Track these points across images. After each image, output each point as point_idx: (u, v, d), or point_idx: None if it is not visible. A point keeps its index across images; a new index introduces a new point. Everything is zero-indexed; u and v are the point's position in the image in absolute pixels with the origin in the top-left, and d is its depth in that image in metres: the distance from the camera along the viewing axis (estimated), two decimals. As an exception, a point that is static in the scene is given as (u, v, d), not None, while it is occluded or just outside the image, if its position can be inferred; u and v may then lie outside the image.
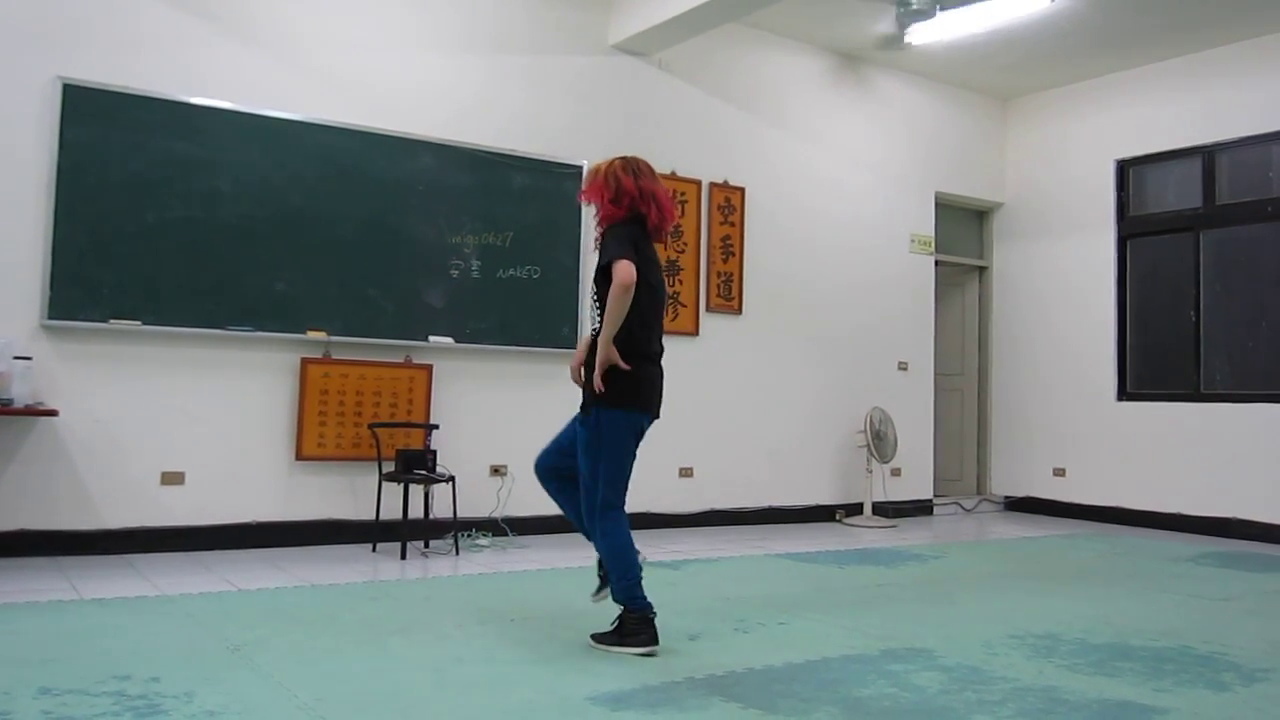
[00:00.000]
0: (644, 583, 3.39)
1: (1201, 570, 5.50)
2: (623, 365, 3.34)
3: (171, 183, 5.07)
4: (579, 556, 5.30)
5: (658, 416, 3.52)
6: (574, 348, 6.23)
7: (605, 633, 3.40)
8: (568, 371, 6.21)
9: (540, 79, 6.30)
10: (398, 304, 5.66)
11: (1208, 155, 7.43)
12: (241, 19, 5.34)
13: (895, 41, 7.31)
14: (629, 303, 3.28)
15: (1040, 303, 8.38)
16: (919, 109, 8.21)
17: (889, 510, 7.62)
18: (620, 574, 3.35)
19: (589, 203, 3.61)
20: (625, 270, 3.25)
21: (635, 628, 3.32)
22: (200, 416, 5.17)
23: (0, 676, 2.80)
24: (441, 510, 5.54)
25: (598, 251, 3.49)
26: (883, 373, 7.88)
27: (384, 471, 5.37)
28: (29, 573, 4.38)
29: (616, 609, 3.41)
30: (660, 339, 3.53)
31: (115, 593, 4.03)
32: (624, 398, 3.37)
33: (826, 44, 7.57)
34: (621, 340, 3.34)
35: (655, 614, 3.35)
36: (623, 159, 3.55)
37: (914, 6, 6.64)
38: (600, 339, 3.33)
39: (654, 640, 3.31)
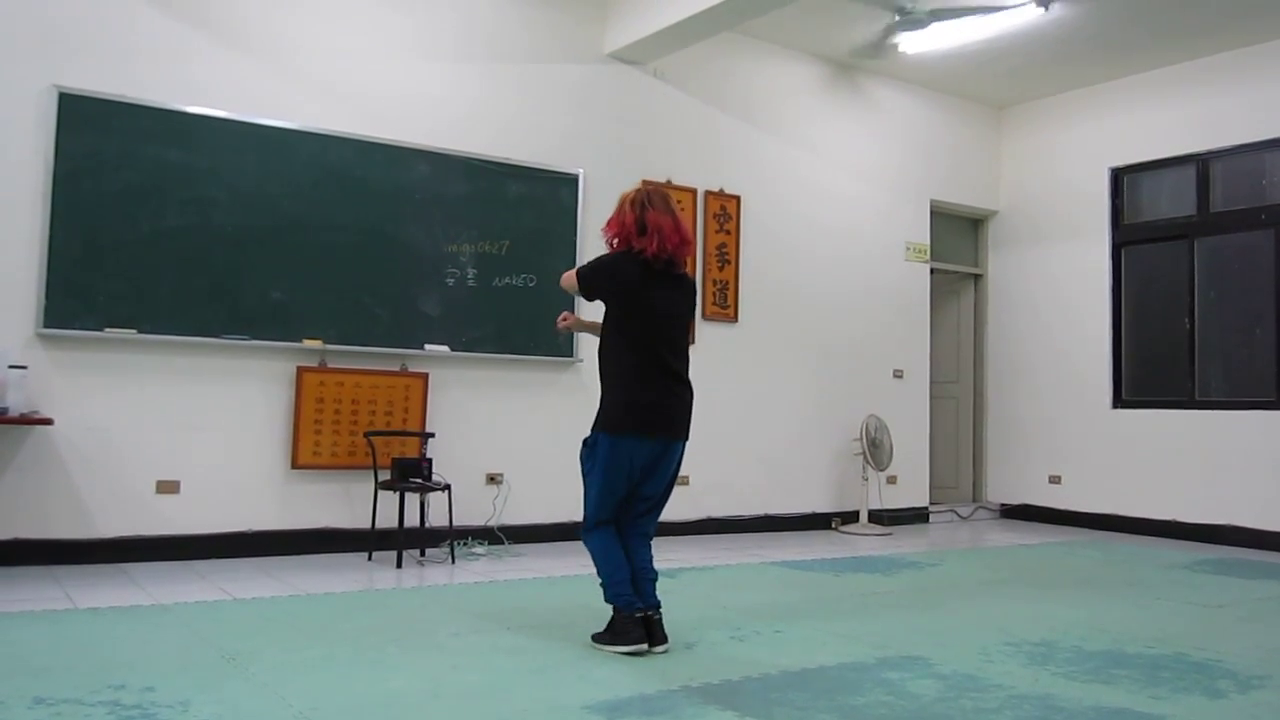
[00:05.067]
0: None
1: (1196, 577, 5.50)
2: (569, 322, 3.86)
3: (167, 191, 5.07)
4: (575, 565, 5.30)
5: (675, 437, 3.57)
6: (570, 356, 6.24)
7: (601, 632, 3.49)
8: (564, 380, 6.30)
9: (536, 88, 6.31)
10: (393, 312, 5.66)
11: (1202, 163, 7.45)
12: (237, 28, 5.35)
13: (890, 50, 7.34)
14: (567, 285, 3.72)
15: (1035, 310, 8.40)
16: (914, 117, 8.23)
17: (885, 518, 7.62)
18: (606, 579, 3.48)
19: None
20: (564, 277, 3.76)
21: (625, 627, 3.42)
22: (196, 425, 5.17)
23: (-5, 686, 2.80)
24: (437, 519, 5.53)
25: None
26: (879, 381, 7.88)
27: (380, 480, 5.36)
28: (24, 582, 4.37)
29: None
30: (667, 364, 3.56)
31: (110, 602, 4.02)
32: (617, 424, 3.50)
33: (821, 52, 7.59)
34: (612, 363, 3.57)
35: (642, 613, 3.44)
36: (643, 191, 3.64)
37: (909, 15, 6.67)
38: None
39: (642, 639, 3.40)
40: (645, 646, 3.38)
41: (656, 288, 3.56)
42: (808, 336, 7.48)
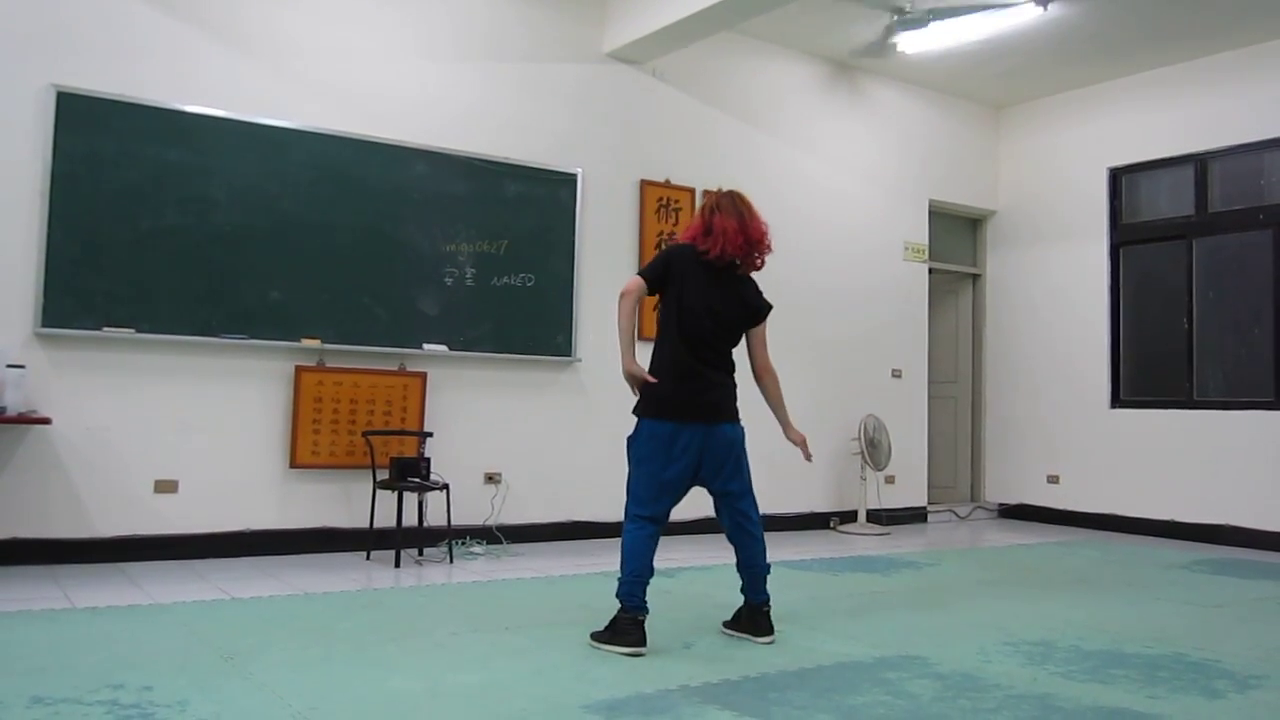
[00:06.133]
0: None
1: (1194, 577, 5.51)
2: (646, 377, 3.58)
3: (166, 190, 5.06)
4: (573, 564, 5.30)
5: (714, 420, 3.66)
6: (568, 355, 6.24)
7: (601, 630, 3.49)
8: (562, 379, 6.29)
9: (535, 87, 6.31)
10: (392, 312, 5.66)
11: (1200, 163, 7.46)
12: (236, 27, 5.34)
13: (889, 50, 7.34)
14: (623, 309, 3.55)
15: (1033, 310, 8.41)
16: (912, 117, 8.24)
17: (883, 518, 7.62)
18: (623, 574, 3.47)
19: None
20: (623, 293, 3.57)
21: (625, 627, 3.42)
22: (194, 424, 5.16)
23: (-7, 686, 2.80)
24: (436, 518, 5.53)
25: None
26: (877, 380, 7.89)
27: (378, 479, 5.36)
28: (22, 581, 4.37)
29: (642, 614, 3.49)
30: (706, 356, 3.64)
31: (108, 601, 4.02)
32: (650, 408, 3.60)
33: (820, 52, 7.60)
34: (656, 352, 3.64)
35: (645, 617, 3.44)
36: (715, 196, 3.70)
37: (908, 15, 6.67)
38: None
39: (641, 642, 3.39)
40: (644, 650, 3.37)
41: (710, 285, 3.62)
42: (806, 336, 7.48)
